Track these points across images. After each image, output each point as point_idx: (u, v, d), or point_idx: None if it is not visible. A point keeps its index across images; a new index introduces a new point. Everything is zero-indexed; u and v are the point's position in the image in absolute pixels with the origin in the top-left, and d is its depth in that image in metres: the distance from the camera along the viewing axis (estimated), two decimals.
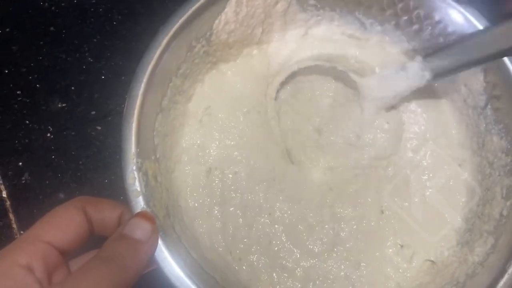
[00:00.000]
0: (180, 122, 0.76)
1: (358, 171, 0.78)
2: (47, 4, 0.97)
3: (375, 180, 0.78)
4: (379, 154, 0.78)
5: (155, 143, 0.69)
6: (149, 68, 0.65)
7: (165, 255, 0.59)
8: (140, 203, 0.60)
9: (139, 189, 0.61)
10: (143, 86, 0.64)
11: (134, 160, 0.62)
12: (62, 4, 0.97)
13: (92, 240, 0.61)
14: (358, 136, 0.78)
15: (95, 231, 0.61)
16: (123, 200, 0.62)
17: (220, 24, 0.74)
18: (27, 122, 0.89)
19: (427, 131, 0.80)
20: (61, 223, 0.57)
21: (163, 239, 0.59)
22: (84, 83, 0.92)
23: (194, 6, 0.69)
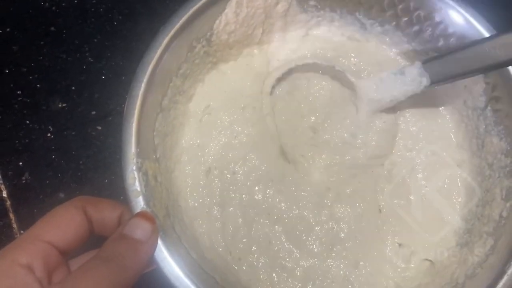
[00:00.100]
0: (180, 122, 0.76)
1: (355, 171, 0.78)
2: (47, 4, 0.97)
3: (372, 179, 0.79)
4: (375, 153, 0.78)
5: (155, 143, 0.69)
6: (149, 68, 0.66)
7: (164, 255, 0.59)
8: (140, 203, 0.60)
9: (139, 189, 0.61)
10: (143, 86, 0.65)
11: (134, 160, 0.62)
12: (63, 4, 0.97)
13: (92, 240, 0.61)
14: (353, 136, 0.78)
15: (95, 231, 0.61)
16: (123, 200, 0.62)
17: (221, 24, 0.74)
18: (27, 122, 0.89)
19: (425, 132, 0.81)
20: (61, 223, 0.57)
21: (163, 239, 0.59)
22: (84, 83, 0.92)
23: (195, 7, 0.69)
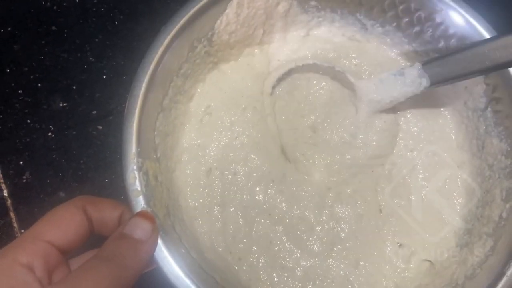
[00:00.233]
0: (181, 122, 0.76)
1: (355, 170, 0.79)
2: (49, 4, 0.97)
3: (373, 179, 0.79)
4: (375, 153, 0.79)
5: (156, 142, 0.69)
6: (150, 68, 0.66)
7: (165, 255, 0.59)
8: (140, 203, 0.61)
9: (139, 188, 0.61)
10: (144, 85, 0.65)
11: (135, 160, 0.62)
12: (64, 4, 0.97)
13: (93, 239, 0.61)
14: (353, 135, 0.78)
15: (95, 230, 0.61)
16: (123, 200, 0.62)
17: (222, 24, 0.74)
18: (28, 121, 0.90)
19: (426, 132, 0.81)
20: (61, 222, 0.57)
21: (163, 239, 0.59)
22: (85, 82, 0.92)
23: (196, 7, 0.69)
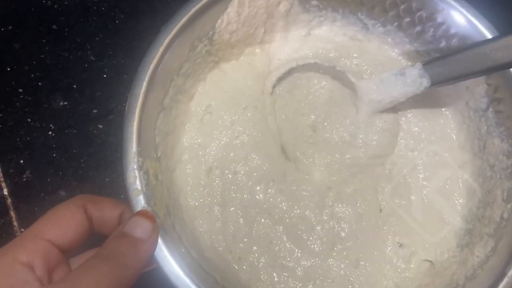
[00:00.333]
0: (181, 121, 0.76)
1: (356, 170, 0.78)
2: (49, 2, 0.97)
3: (373, 179, 0.79)
4: (376, 153, 0.78)
5: (156, 142, 0.69)
6: (151, 67, 0.66)
7: (165, 254, 0.59)
8: (140, 202, 0.60)
9: (139, 188, 0.61)
10: (145, 85, 0.65)
11: (135, 159, 0.62)
12: (65, 3, 0.97)
13: (93, 238, 0.61)
14: (353, 135, 0.78)
15: (95, 229, 0.61)
16: (124, 199, 0.62)
17: (223, 24, 0.74)
18: (29, 120, 0.90)
19: (427, 132, 0.80)
20: (62, 221, 0.57)
21: (163, 238, 0.59)
22: (86, 81, 0.92)
23: (197, 6, 0.69)
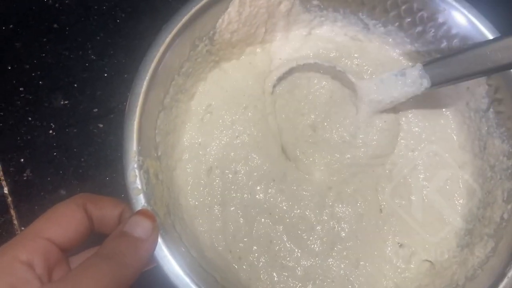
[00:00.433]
0: (182, 120, 0.76)
1: (355, 169, 0.78)
2: (50, 1, 0.97)
3: (374, 179, 0.78)
4: (376, 153, 0.78)
5: (157, 141, 0.69)
6: (151, 66, 0.66)
7: (165, 253, 0.59)
8: (141, 201, 0.61)
9: (140, 187, 0.61)
10: (145, 84, 0.65)
11: (136, 158, 0.62)
12: (66, 2, 0.97)
13: (93, 238, 0.61)
14: (353, 135, 0.78)
15: (95, 228, 0.61)
16: (124, 198, 0.62)
17: (223, 23, 0.74)
18: (29, 119, 0.90)
19: (428, 132, 0.80)
20: (61, 220, 0.57)
21: (163, 237, 0.59)
22: (87, 80, 0.92)
23: (198, 5, 0.69)
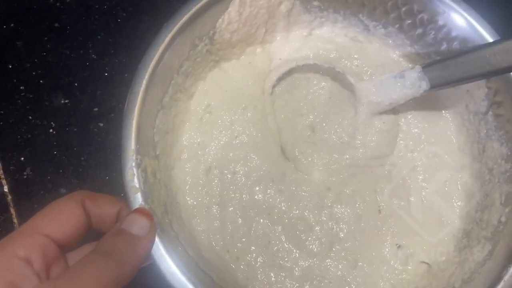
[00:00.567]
0: (181, 120, 0.76)
1: (354, 170, 0.78)
2: (52, 0, 0.97)
3: (373, 180, 0.78)
4: (374, 154, 0.78)
5: (155, 140, 0.69)
6: (151, 65, 0.66)
7: (161, 252, 0.59)
8: (138, 200, 0.61)
9: (137, 185, 0.61)
10: (144, 83, 0.65)
11: (134, 157, 0.62)
12: (67, 1, 0.97)
13: (90, 236, 0.61)
14: (351, 136, 0.78)
15: (93, 225, 0.61)
16: (123, 197, 0.62)
17: (223, 23, 0.74)
18: (30, 118, 0.90)
19: (427, 134, 0.80)
20: (60, 217, 0.57)
21: (160, 236, 0.59)
22: (87, 79, 0.92)
23: (198, 5, 0.69)
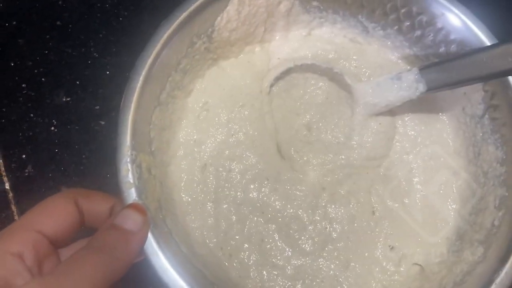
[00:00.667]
0: (178, 117, 0.76)
1: (350, 171, 0.78)
2: None
3: (368, 181, 0.78)
4: (370, 155, 0.78)
5: (151, 136, 0.69)
6: (148, 61, 0.66)
7: (154, 248, 0.59)
8: (132, 195, 0.61)
9: (132, 181, 0.62)
10: (141, 79, 0.65)
11: (129, 152, 0.62)
12: None
13: (84, 233, 0.61)
14: (347, 136, 0.78)
15: (86, 223, 0.61)
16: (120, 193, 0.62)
17: (222, 21, 0.74)
18: (31, 115, 0.90)
19: (423, 136, 0.80)
20: (52, 213, 0.58)
21: (153, 232, 0.59)
22: (89, 78, 0.93)
23: (197, 2, 0.69)
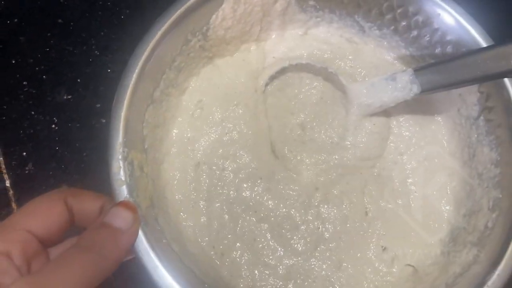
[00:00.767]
0: (172, 115, 0.76)
1: (343, 171, 0.78)
2: None
3: (361, 181, 0.78)
4: (364, 155, 0.78)
5: (144, 134, 0.69)
6: (141, 58, 0.66)
7: (144, 246, 0.59)
8: (123, 193, 0.61)
9: (123, 178, 0.61)
10: (134, 76, 0.65)
11: (121, 150, 0.62)
12: None
13: (75, 230, 0.61)
14: (341, 137, 0.78)
15: (76, 222, 0.60)
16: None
17: (217, 19, 0.74)
18: (32, 113, 0.90)
19: (418, 137, 0.80)
20: (41, 212, 0.58)
21: (144, 230, 0.59)
22: (90, 75, 0.93)
23: (192, 0, 0.70)
